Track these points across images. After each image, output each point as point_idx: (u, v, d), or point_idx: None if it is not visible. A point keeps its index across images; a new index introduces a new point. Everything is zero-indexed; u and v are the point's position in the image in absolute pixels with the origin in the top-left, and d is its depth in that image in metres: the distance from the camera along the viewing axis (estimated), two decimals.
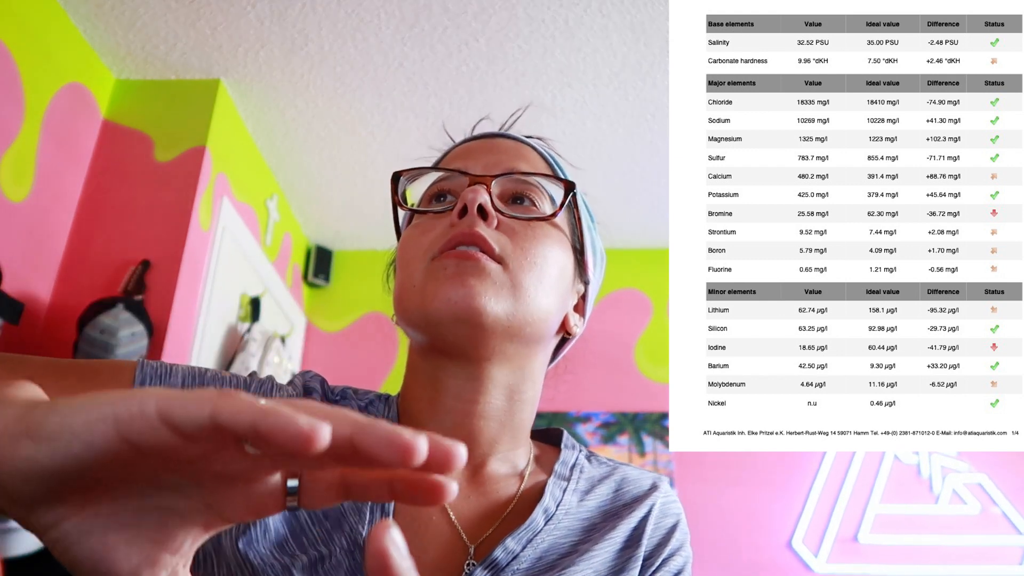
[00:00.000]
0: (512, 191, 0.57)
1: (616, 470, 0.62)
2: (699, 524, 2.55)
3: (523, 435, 0.59)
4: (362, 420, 0.24)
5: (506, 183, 0.57)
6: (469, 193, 0.53)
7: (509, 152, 0.60)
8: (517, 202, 0.57)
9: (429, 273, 0.52)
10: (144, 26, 1.89)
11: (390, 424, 0.24)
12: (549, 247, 0.55)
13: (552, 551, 0.52)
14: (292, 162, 2.49)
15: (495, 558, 0.50)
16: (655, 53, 1.97)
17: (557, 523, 0.54)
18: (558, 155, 0.64)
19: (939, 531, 2.59)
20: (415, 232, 0.56)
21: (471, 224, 0.52)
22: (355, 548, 0.48)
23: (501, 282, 0.51)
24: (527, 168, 0.58)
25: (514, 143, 0.61)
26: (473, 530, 0.52)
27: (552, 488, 0.56)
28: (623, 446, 2.71)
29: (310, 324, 2.98)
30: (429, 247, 0.53)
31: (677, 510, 0.60)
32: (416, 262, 0.54)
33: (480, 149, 0.60)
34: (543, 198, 0.58)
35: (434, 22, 1.87)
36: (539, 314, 0.54)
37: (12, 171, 1.64)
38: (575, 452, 0.62)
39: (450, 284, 0.50)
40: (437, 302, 0.50)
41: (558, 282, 0.56)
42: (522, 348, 0.54)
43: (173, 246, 1.87)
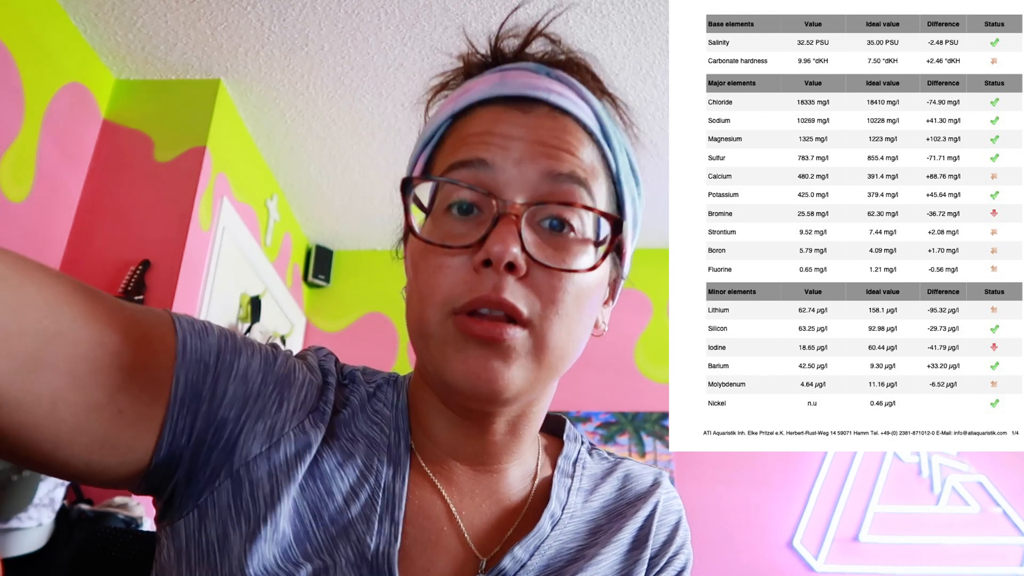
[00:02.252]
0: (548, 212, 0.48)
1: (618, 465, 0.61)
2: (699, 524, 2.55)
3: (535, 436, 0.58)
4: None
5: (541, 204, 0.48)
6: (495, 243, 0.44)
7: (544, 137, 0.49)
8: (554, 226, 0.48)
9: (448, 334, 0.46)
10: (144, 26, 1.89)
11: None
12: (586, 288, 0.48)
13: (559, 557, 0.51)
14: (292, 162, 2.49)
15: (503, 568, 0.49)
16: (655, 53, 1.97)
17: (563, 527, 0.53)
18: (605, 110, 0.53)
19: (939, 531, 2.59)
20: (434, 260, 0.48)
21: (499, 288, 0.45)
22: (362, 562, 0.45)
23: (527, 351, 0.46)
24: (568, 168, 0.48)
25: (550, 115, 0.50)
26: (483, 539, 0.51)
27: (557, 489, 0.55)
28: (623, 446, 2.71)
29: (310, 324, 2.98)
30: (449, 293, 0.46)
31: (678, 506, 0.60)
32: (434, 308, 0.47)
33: (508, 132, 0.49)
34: (584, 217, 0.49)
35: (434, 22, 1.87)
36: (568, 360, 0.50)
37: (12, 171, 1.64)
38: (577, 445, 0.61)
39: (473, 362, 0.45)
40: (458, 377, 0.46)
41: (591, 312, 0.50)
42: (546, 387, 0.52)
43: (173, 246, 1.87)
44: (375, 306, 3.01)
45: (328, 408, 0.50)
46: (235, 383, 0.46)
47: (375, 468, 0.50)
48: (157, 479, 0.44)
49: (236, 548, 0.43)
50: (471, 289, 0.46)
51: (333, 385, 0.52)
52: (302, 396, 0.49)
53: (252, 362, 0.47)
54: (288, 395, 0.48)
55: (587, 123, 0.51)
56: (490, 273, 0.45)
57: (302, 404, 0.49)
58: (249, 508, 0.44)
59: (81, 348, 0.38)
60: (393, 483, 0.49)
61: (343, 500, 0.48)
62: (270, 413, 0.47)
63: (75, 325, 0.38)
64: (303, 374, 0.50)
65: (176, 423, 0.43)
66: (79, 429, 0.39)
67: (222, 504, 0.45)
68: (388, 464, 0.50)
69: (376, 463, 0.50)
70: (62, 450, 0.39)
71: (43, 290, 0.38)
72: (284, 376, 0.49)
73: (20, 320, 0.36)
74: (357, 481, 0.49)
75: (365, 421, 0.53)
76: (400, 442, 0.52)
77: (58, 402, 0.38)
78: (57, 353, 0.37)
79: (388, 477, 0.50)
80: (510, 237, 0.45)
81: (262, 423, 0.46)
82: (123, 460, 0.42)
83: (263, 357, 0.48)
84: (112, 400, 0.40)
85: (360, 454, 0.50)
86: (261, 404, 0.46)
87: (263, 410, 0.46)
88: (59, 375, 0.37)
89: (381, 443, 0.52)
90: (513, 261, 0.45)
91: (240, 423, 0.45)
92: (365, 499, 0.48)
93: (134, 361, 0.41)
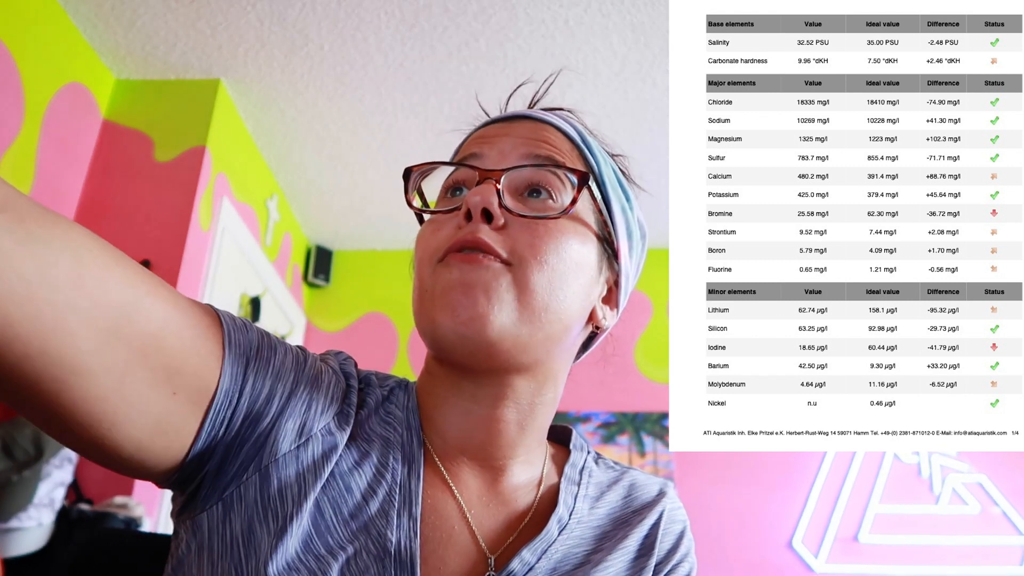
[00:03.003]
0: (528, 181, 0.54)
1: (624, 475, 0.62)
2: (699, 524, 2.55)
3: (542, 437, 0.58)
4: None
5: (519, 173, 0.53)
6: (473, 195, 0.50)
7: (528, 135, 0.56)
8: (533, 195, 0.53)
9: (435, 278, 0.51)
10: (144, 26, 1.89)
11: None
12: (564, 242, 0.52)
13: (566, 561, 0.52)
14: (292, 162, 2.49)
15: (512, 570, 0.49)
16: (655, 53, 1.97)
17: (570, 532, 0.54)
18: (588, 130, 0.60)
19: (939, 531, 2.59)
20: (428, 230, 0.54)
21: (474, 230, 0.50)
22: (385, 555, 0.46)
23: (506, 286, 0.49)
24: (546, 152, 0.54)
25: (534, 123, 0.57)
26: (493, 540, 0.52)
27: (564, 495, 0.56)
28: (623, 446, 2.71)
29: (310, 324, 2.98)
30: (436, 250, 0.52)
31: (683, 516, 0.60)
32: (425, 266, 0.52)
33: (497, 133, 0.57)
34: (562, 186, 0.54)
35: (434, 22, 1.87)
36: (552, 316, 0.51)
37: (12, 171, 1.64)
38: (583, 454, 0.62)
39: (456, 296, 0.49)
40: (443, 323, 0.49)
41: (576, 278, 0.53)
42: (538, 352, 0.52)
43: (173, 246, 1.87)
44: (375, 306, 3.01)
45: (352, 411, 0.52)
46: (271, 379, 0.47)
47: (390, 466, 0.51)
48: (190, 470, 0.45)
49: (264, 545, 0.44)
50: (448, 238, 0.51)
51: (355, 388, 0.54)
52: (330, 397, 0.51)
53: (286, 360, 0.49)
54: (317, 396, 0.50)
55: (568, 131, 0.57)
56: (469, 226, 0.50)
57: (329, 406, 0.50)
58: (277, 506, 0.45)
59: (153, 325, 0.40)
60: (409, 480, 0.51)
61: (361, 497, 0.49)
62: (300, 412, 0.48)
63: (148, 302, 0.40)
64: (329, 376, 0.52)
65: (218, 414, 0.44)
66: (139, 407, 0.40)
67: (249, 499, 0.46)
68: (403, 462, 0.52)
69: (392, 461, 0.51)
70: (118, 429, 0.40)
71: (120, 262, 0.39)
72: (313, 377, 0.50)
73: (106, 291, 0.37)
74: (374, 478, 0.50)
75: (379, 422, 0.54)
76: (413, 439, 0.53)
77: (126, 376, 0.39)
78: (133, 328, 0.39)
79: (404, 475, 0.51)
80: (487, 190, 0.51)
81: (293, 421, 0.47)
82: (168, 445, 0.43)
83: (295, 357, 0.50)
84: (170, 381, 0.41)
85: (376, 453, 0.52)
86: (294, 403, 0.48)
87: (295, 408, 0.48)
88: (131, 350, 0.39)
89: (395, 442, 0.53)
90: (488, 208, 0.50)
91: (273, 419, 0.47)
92: (383, 496, 0.49)
93: (191, 347, 0.42)
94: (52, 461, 1.47)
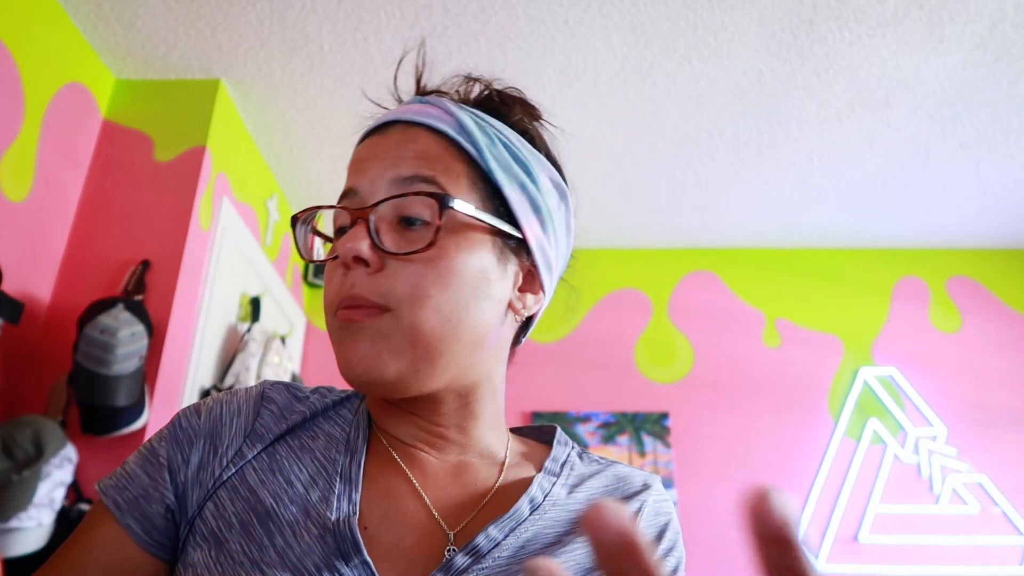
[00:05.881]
0: (397, 214, 0.52)
1: (609, 467, 0.61)
2: (699, 524, 2.55)
3: (496, 426, 0.60)
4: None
5: (388, 206, 0.52)
6: (344, 243, 0.50)
7: (395, 151, 0.54)
8: (407, 223, 0.52)
9: (332, 332, 0.53)
10: (144, 26, 1.89)
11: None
12: (446, 266, 0.51)
13: (536, 541, 0.52)
14: (292, 162, 2.49)
15: (476, 544, 0.50)
16: (655, 53, 1.97)
17: (543, 513, 0.54)
18: (468, 109, 0.57)
19: (939, 531, 2.59)
20: (325, 278, 0.55)
21: (352, 283, 0.51)
22: (325, 532, 0.49)
23: (393, 331, 0.50)
24: (411, 171, 0.52)
25: (404, 130, 0.55)
26: (451, 518, 0.53)
27: (541, 481, 0.56)
28: (623, 446, 2.71)
29: (310, 324, 2.98)
30: (330, 304, 0.53)
31: (668, 509, 0.59)
32: (327, 316, 0.54)
33: (368, 156, 0.55)
34: (434, 205, 0.51)
35: (434, 22, 1.87)
36: (452, 340, 0.51)
37: (12, 171, 1.64)
38: (567, 448, 0.62)
39: (348, 351, 0.51)
40: (341, 367, 0.52)
41: (471, 293, 0.52)
42: (451, 370, 0.53)
43: (173, 246, 1.87)
44: None
45: (263, 426, 0.56)
46: (179, 477, 0.54)
47: (332, 458, 0.55)
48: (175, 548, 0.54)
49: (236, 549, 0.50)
50: (337, 291, 0.52)
51: (270, 408, 0.58)
52: (235, 430, 0.56)
53: (165, 467, 0.54)
54: (208, 447, 0.55)
55: (439, 127, 0.55)
56: (348, 273, 0.51)
57: (233, 438, 0.55)
58: (219, 531, 0.51)
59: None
60: (350, 469, 0.54)
61: (303, 488, 0.52)
62: (206, 464, 0.54)
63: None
64: (230, 414, 0.57)
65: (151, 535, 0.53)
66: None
67: (210, 524, 0.52)
68: (345, 454, 0.55)
69: (334, 453, 0.55)
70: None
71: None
72: (209, 430, 0.56)
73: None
74: (316, 471, 0.53)
75: (327, 421, 0.58)
76: (359, 436, 0.56)
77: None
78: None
79: (345, 465, 0.54)
80: (357, 235, 0.50)
81: (196, 490, 0.53)
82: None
83: (168, 451, 0.55)
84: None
85: (319, 448, 0.55)
86: (193, 473, 0.54)
87: (198, 473, 0.54)
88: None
89: (340, 438, 0.56)
90: (358, 255, 0.50)
91: (186, 492, 0.54)
92: (323, 485, 0.52)
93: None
94: (52, 461, 1.46)
